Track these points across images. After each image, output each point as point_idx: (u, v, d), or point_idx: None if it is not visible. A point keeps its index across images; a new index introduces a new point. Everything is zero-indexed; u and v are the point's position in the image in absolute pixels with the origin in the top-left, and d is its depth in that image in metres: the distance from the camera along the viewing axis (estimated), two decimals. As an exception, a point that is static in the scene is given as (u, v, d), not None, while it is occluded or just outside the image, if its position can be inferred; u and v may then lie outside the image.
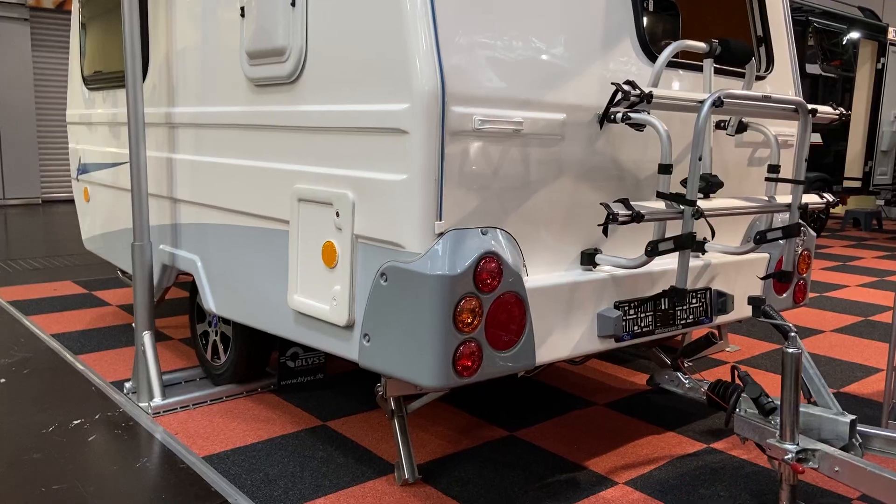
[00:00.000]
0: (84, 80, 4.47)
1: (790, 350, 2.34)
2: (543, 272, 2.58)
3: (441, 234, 2.25)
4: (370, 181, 2.36)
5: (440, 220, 2.24)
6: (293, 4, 2.60)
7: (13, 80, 11.20)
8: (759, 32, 3.31)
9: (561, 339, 2.54)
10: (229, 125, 3.05)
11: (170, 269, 3.64)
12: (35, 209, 11.37)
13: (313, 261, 2.59)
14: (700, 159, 2.38)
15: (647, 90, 2.27)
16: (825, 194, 3.01)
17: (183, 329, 4.70)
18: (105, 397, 3.52)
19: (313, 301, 2.59)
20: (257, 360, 3.51)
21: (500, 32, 2.36)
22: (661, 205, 2.47)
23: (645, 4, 3.70)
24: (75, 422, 3.22)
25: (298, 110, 2.64)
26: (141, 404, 3.38)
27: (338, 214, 2.47)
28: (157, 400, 3.35)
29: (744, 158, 3.20)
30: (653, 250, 2.45)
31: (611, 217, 2.26)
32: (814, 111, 2.70)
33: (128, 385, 3.57)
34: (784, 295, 3.36)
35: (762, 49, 3.32)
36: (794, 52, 3.42)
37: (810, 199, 2.95)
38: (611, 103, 2.33)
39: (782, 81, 3.36)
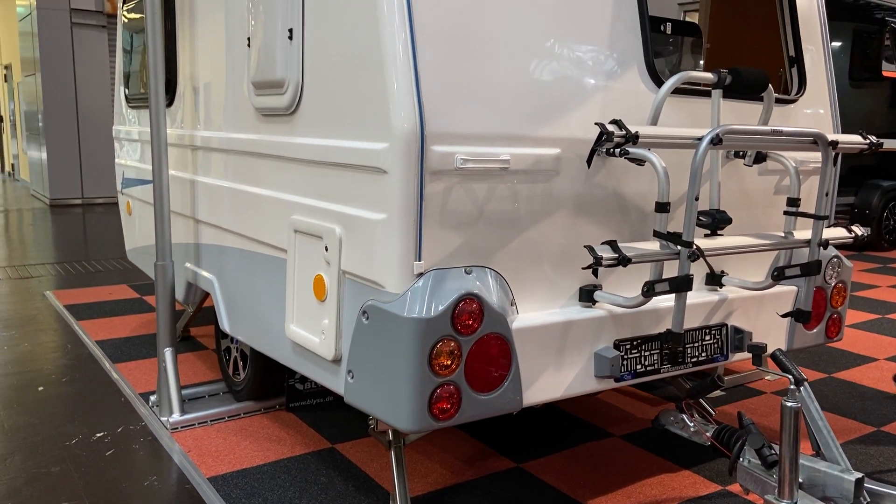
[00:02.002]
0: (126, 97, 4.64)
1: (789, 404, 2.20)
2: (537, 309, 2.51)
3: (420, 275, 2.22)
4: (355, 218, 2.35)
5: (419, 260, 2.21)
6: (290, 38, 2.62)
7: (92, 85, 11.78)
8: (792, 52, 3.12)
9: (553, 379, 2.47)
10: (240, 152, 3.10)
11: (194, 288, 3.74)
12: (113, 208, 11.94)
13: (306, 292, 2.61)
14: (697, 199, 2.26)
15: (633, 130, 2.17)
16: (854, 227, 2.81)
17: (219, 339, 4.84)
18: (132, 410, 3.65)
19: (306, 332, 2.61)
20: (273, 379, 3.57)
21: (487, 67, 2.30)
22: (657, 245, 2.36)
23: (662, 28, 3.55)
24: (98, 434, 3.35)
25: (296, 142, 2.66)
26: (162, 418, 3.49)
27: (327, 249, 2.47)
28: (176, 416, 3.45)
29: (769, 186, 3.03)
30: (649, 291, 2.35)
31: (595, 261, 2.18)
32: (834, 143, 2.52)
33: (153, 398, 3.70)
34: (814, 330, 3.17)
35: (794, 69, 3.13)
36: (832, 72, 3.20)
37: (836, 233, 2.77)
38: (596, 144, 2.24)
39: (816, 104, 3.15)
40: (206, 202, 3.47)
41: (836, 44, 9.58)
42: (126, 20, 4.70)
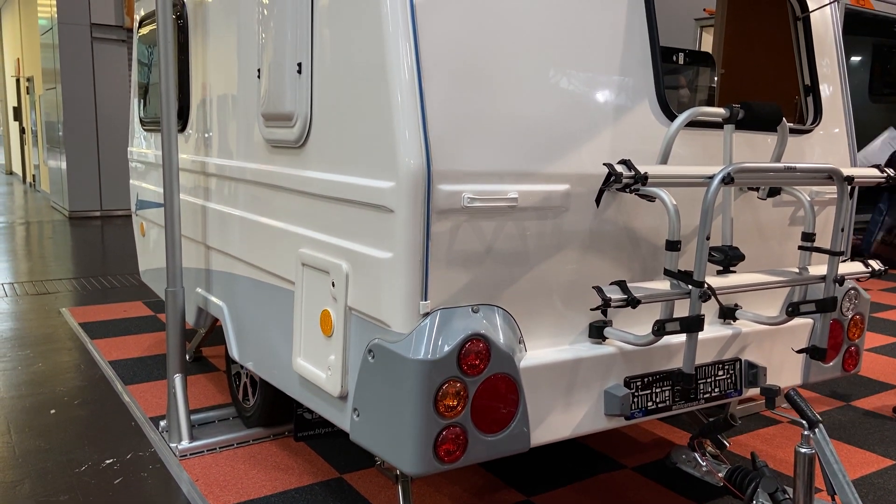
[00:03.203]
0: (140, 120, 4.67)
1: (803, 450, 2.15)
2: (546, 346, 2.48)
3: (427, 314, 2.19)
4: (362, 255, 2.33)
5: (425, 299, 2.19)
6: (300, 72, 2.62)
7: (111, 97, 11.91)
8: (807, 81, 3.07)
9: (562, 418, 2.44)
10: (251, 181, 3.10)
11: (204, 314, 3.74)
12: (130, 221, 12.04)
13: (313, 327, 2.59)
14: (708, 238, 2.22)
15: (642, 171, 2.14)
16: (872, 262, 2.76)
17: (231, 360, 4.84)
18: (142, 435, 3.65)
19: (312, 367, 2.60)
20: (282, 406, 3.56)
21: (494, 104, 2.28)
22: (668, 283, 2.33)
23: (675, 58, 3.52)
24: (107, 461, 3.36)
25: (304, 175, 2.65)
26: (171, 445, 3.49)
27: (334, 284, 2.46)
28: (185, 443, 3.45)
29: (783, 218, 2.97)
30: (659, 330, 2.31)
31: (604, 302, 2.15)
32: (850, 178, 2.47)
33: (162, 423, 3.70)
34: (831, 363, 3.10)
35: (810, 98, 3.08)
36: (849, 102, 3.15)
37: (853, 268, 2.71)
38: (605, 185, 2.21)
39: (833, 134, 3.10)
40: (217, 229, 3.47)
41: (856, 58, 9.48)
42: (140, 43, 4.73)
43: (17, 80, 18.42)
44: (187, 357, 4.75)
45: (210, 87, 3.52)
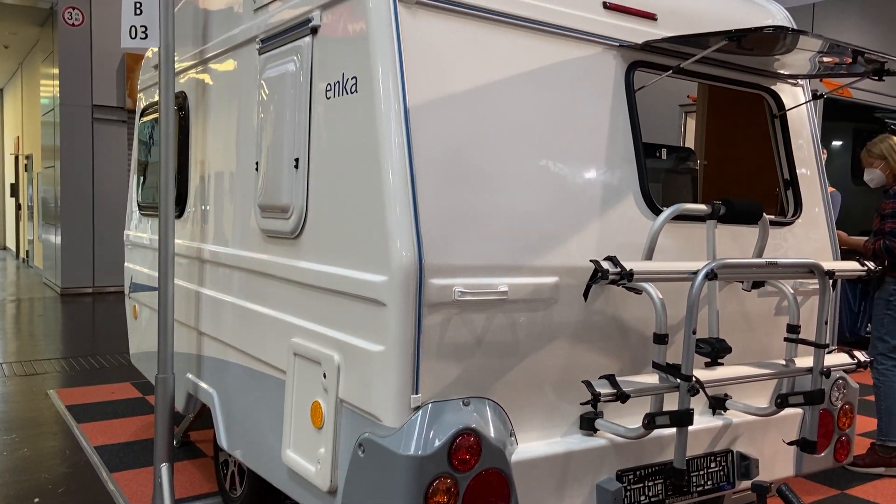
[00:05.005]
0: (138, 204, 4.76)
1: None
2: (537, 439, 2.48)
3: (418, 408, 2.20)
4: (353, 347, 2.36)
5: (416, 392, 2.20)
6: (297, 167, 2.70)
7: (110, 176, 12.07)
8: (787, 175, 3.18)
9: (553, 513, 2.41)
10: (245, 269, 3.14)
11: (194, 399, 3.72)
12: (122, 297, 12.00)
13: (304, 418, 2.59)
14: (694, 332, 2.26)
15: (628, 268, 2.20)
16: (857, 353, 2.79)
17: (219, 444, 4.77)
18: (125, 525, 3.57)
19: (302, 460, 2.58)
20: (270, 498, 3.49)
21: (484, 200, 2.35)
22: (656, 377, 2.35)
23: (658, 154, 3.65)
24: (89, 554, 3.27)
25: (298, 265, 2.70)
26: (156, 536, 3.40)
27: (325, 375, 2.47)
28: (170, 534, 3.37)
29: (768, 309, 3.03)
30: (650, 423, 2.32)
31: (593, 397, 2.16)
32: (831, 273, 2.53)
33: (147, 513, 3.62)
34: (823, 454, 3.10)
35: (789, 192, 3.18)
36: (827, 195, 3.25)
37: (839, 359, 2.75)
38: (592, 281, 2.27)
39: (813, 226, 3.19)
40: (210, 315, 3.49)
41: (838, 143, 9.77)
42: (142, 131, 4.86)
43: (16, 158, 18.69)
44: (174, 442, 4.67)
45: (208, 176, 3.61)
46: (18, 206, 18.77)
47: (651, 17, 2.82)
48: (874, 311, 4.41)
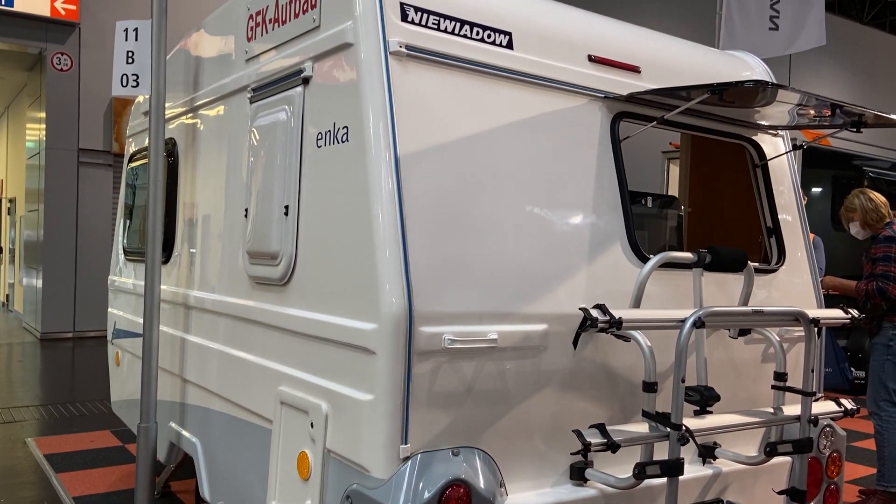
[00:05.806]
0: (124, 249, 4.73)
1: None
2: (527, 489, 2.45)
3: (407, 458, 2.18)
4: (342, 396, 2.34)
5: (405, 443, 2.18)
6: (286, 214, 2.71)
7: (94, 219, 12.02)
8: (769, 224, 3.23)
9: (544, 565, 2.37)
10: (232, 316, 3.12)
11: (176, 449, 3.65)
12: (103, 341, 11.83)
13: (290, 469, 2.55)
14: (683, 381, 2.27)
15: (617, 316, 2.21)
16: (843, 400, 2.80)
17: (201, 494, 4.66)
18: (102, 580, 3.46)
19: (288, 511, 2.53)
20: (253, 549, 3.41)
21: (474, 248, 2.37)
22: (646, 425, 2.35)
23: (643, 202, 3.71)
24: None
25: (286, 313, 2.69)
26: (134, 592, 3.30)
27: (312, 425, 2.44)
28: (149, 590, 3.27)
29: (756, 356, 3.04)
30: (640, 473, 2.30)
31: (583, 447, 2.15)
32: (816, 321, 2.56)
33: (126, 568, 3.52)
34: (812, 503, 3.08)
35: (773, 240, 3.23)
36: (809, 241, 3.30)
37: (826, 407, 2.76)
38: (581, 329, 2.28)
39: (796, 273, 3.23)
40: (195, 362, 3.45)
41: (818, 190, 9.94)
42: (129, 176, 4.87)
43: (0, 201, 18.57)
44: (155, 492, 4.56)
45: (196, 222, 3.61)
46: (0, 250, 18.58)
47: (635, 69, 2.89)
48: (872, 357, 4.42)
